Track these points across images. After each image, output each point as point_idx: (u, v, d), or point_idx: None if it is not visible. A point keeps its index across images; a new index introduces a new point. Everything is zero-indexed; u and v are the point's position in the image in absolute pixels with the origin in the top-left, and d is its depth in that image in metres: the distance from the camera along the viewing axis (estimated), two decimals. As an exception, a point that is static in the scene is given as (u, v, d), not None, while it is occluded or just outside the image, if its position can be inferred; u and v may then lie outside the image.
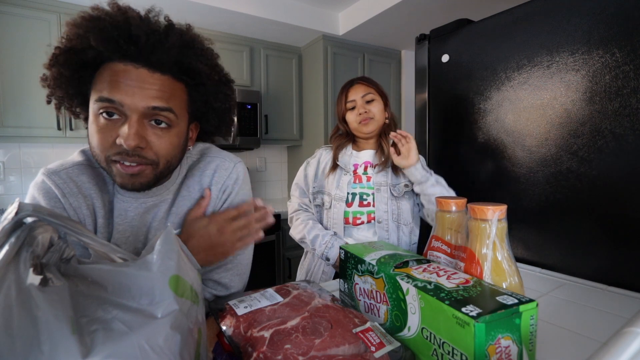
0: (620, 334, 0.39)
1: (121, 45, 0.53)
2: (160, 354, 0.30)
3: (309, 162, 1.22)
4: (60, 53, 0.55)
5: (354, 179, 1.13)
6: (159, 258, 0.35)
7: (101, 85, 0.54)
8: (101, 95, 0.54)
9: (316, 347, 0.46)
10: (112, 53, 0.54)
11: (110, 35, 0.53)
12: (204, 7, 2.02)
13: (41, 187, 0.62)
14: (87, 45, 0.53)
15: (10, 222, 0.31)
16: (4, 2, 1.76)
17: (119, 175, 0.58)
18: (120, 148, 0.55)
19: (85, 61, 0.55)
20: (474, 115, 1.19)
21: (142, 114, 0.55)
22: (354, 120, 1.11)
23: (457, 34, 1.24)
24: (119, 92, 0.54)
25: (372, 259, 0.63)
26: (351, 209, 1.11)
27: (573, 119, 0.94)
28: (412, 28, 2.41)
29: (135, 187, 0.59)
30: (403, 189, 1.10)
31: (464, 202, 0.68)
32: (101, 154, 0.56)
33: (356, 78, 1.16)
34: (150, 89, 0.55)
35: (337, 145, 1.17)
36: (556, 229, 0.98)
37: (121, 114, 0.55)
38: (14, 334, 0.25)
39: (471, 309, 0.42)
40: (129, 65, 0.55)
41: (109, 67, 0.55)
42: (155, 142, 0.58)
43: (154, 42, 0.55)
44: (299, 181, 1.21)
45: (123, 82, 0.54)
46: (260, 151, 2.86)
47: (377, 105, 1.11)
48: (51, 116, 1.86)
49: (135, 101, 0.54)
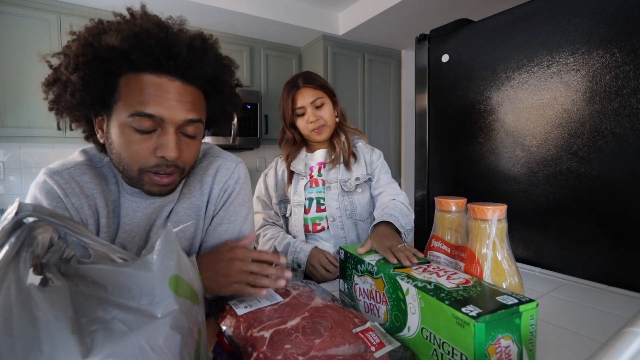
0: (620, 334, 0.39)
1: (160, 59, 0.54)
2: (160, 354, 0.30)
3: (266, 173, 1.17)
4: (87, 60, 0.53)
5: (310, 182, 1.09)
6: (159, 258, 0.35)
7: (135, 98, 0.54)
8: (139, 110, 0.54)
9: (316, 347, 0.46)
10: (148, 66, 0.54)
11: (152, 49, 0.53)
12: (204, 7, 2.02)
13: (43, 187, 0.61)
14: (120, 54, 0.52)
15: (10, 222, 0.31)
16: (4, 2, 1.76)
17: (152, 184, 0.59)
18: (160, 160, 0.56)
19: (110, 69, 0.54)
20: (474, 115, 1.19)
21: (178, 126, 0.57)
22: (305, 128, 1.06)
23: (457, 34, 1.24)
24: (159, 106, 0.54)
25: (371, 260, 0.63)
26: (309, 215, 1.07)
27: (573, 119, 0.94)
28: (412, 28, 2.41)
29: (163, 194, 0.61)
30: (354, 182, 1.06)
31: (464, 202, 0.68)
32: (135, 165, 0.57)
33: (300, 77, 1.07)
34: (186, 102, 0.57)
35: (288, 153, 1.12)
36: (556, 229, 0.98)
37: (157, 126, 0.56)
38: (14, 334, 0.25)
39: (471, 309, 0.42)
40: (164, 77, 0.55)
41: (141, 78, 0.54)
42: (186, 152, 0.60)
43: (193, 59, 0.56)
44: (260, 194, 1.15)
45: (161, 95, 0.54)
46: (260, 151, 2.86)
47: (327, 109, 1.06)
48: (51, 116, 1.85)
49: (174, 115, 0.55)
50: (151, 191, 0.60)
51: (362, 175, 1.07)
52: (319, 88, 1.06)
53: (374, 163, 1.10)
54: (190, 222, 0.71)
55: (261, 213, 1.13)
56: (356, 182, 1.06)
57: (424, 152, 1.39)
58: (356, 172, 1.07)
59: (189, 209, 0.70)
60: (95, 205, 0.64)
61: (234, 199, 0.74)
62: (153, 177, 0.58)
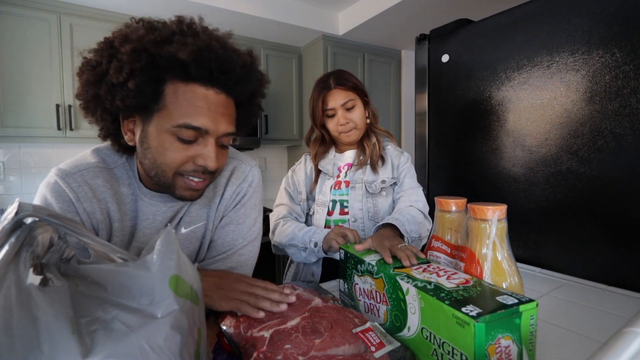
0: (620, 334, 0.39)
1: (214, 73, 0.55)
2: (160, 354, 0.30)
3: (294, 169, 1.15)
4: (143, 66, 0.52)
5: (335, 184, 1.07)
6: (159, 258, 0.35)
7: (184, 110, 0.55)
8: (187, 122, 0.55)
9: (316, 347, 0.46)
10: (200, 78, 0.55)
11: (210, 63, 0.54)
12: (204, 7, 2.02)
13: (54, 189, 0.60)
14: (179, 64, 0.53)
15: (10, 222, 0.31)
16: (4, 2, 1.76)
17: (185, 189, 0.60)
18: (199, 167, 0.58)
19: (162, 76, 0.54)
20: (473, 115, 1.19)
21: (217, 138, 0.59)
22: (335, 130, 1.05)
23: (457, 34, 1.24)
24: (206, 119, 0.56)
25: (371, 260, 0.63)
26: (332, 217, 1.05)
27: (573, 119, 0.94)
28: (412, 28, 2.41)
29: (193, 198, 0.63)
30: (380, 185, 1.04)
31: (464, 202, 0.68)
32: (170, 171, 0.58)
33: (332, 77, 1.05)
34: (227, 115, 0.59)
35: (316, 153, 1.10)
36: (556, 229, 0.98)
37: (199, 137, 0.57)
38: (14, 334, 0.25)
39: (471, 309, 0.42)
40: (211, 90, 0.56)
41: (190, 89, 0.55)
42: (221, 160, 0.61)
43: (242, 75, 0.59)
44: (288, 187, 1.12)
45: (209, 108, 0.56)
46: (260, 151, 2.86)
47: (358, 112, 1.04)
48: (51, 116, 1.86)
49: (218, 127, 0.58)
50: (183, 195, 0.61)
51: (388, 178, 1.05)
52: (350, 89, 1.03)
53: (401, 166, 1.08)
54: (202, 222, 0.71)
55: (286, 205, 1.10)
56: (382, 185, 1.04)
57: (424, 152, 1.39)
58: (382, 175, 1.05)
59: (201, 209, 0.71)
60: (107, 210, 0.63)
61: (245, 201, 0.74)
62: (188, 181, 0.59)
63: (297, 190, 1.11)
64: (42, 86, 1.83)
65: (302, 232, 0.99)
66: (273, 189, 2.95)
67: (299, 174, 1.13)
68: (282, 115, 2.63)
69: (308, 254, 0.97)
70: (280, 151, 3.00)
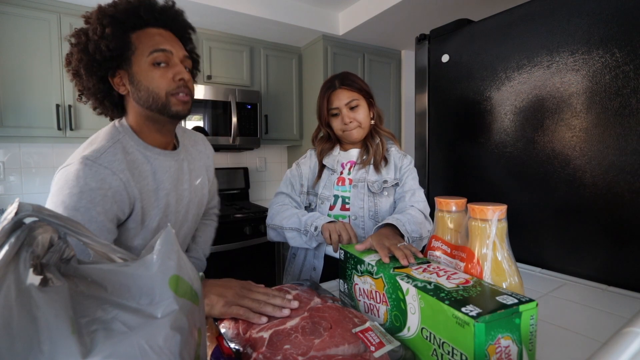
0: (620, 334, 0.39)
1: (156, 15, 0.75)
2: (160, 354, 0.30)
3: (298, 162, 1.17)
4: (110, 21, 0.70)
5: (338, 180, 1.09)
6: (159, 258, 0.35)
7: (148, 43, 0.72)
8: (155, 47, 0.72)
9: (316, 347, 0.46)
10: (149, 21, 0.74)
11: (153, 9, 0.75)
12: (204, 7, 2.02)
13: (96, 174, 0.67)
14: (131, 12, 0.72)
15: (10, 222, 0.31)
16: (4, 2, 1.76)
17: (177, 104, 0.75)
18: (180, 82, 0.74)
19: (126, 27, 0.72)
20: (473, 115, 1.19)
21: (181, 60, 0.76)
22: (339, 128, 1.07)
23: (457, 34, 1.24)
24: (165, 43, 0.73)
25: (371, 260, 0.63)
26: (333, 212, 1.07)
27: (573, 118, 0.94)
28: (412, 28, 2.40)
29: (185, 112, 0.77)
30: (382, 185, 1.06)
31: (464, 202, 0.68)
32: (162, 92, 0.73)
33: (337, 78, 1.08)
34: (178, 43, 0.78)
35: (322, 149, 1.13)
36: (556, 229, 0.98)
37: (168, 60, 0.74)
38: (13, 334, 0.25)
39: (471, 309, 0.42)
40: (161, 29, 0.76)
41: (147, 32, 0.73)
42: (187, 76, 0.77)
43: (175, 14, 0.79)
44: (292, 178, 1.14)
45: (164, 37, 0.74)
46: (260, 151, 2.86)
47: (362, 111, 1.06)
48: (51, 116, 1.86)
49: (177, 50, 0.76)
50: (177, 110, 0.75)
51: (390, 179, 1.07)
52: (355, 90, 1.06)
53: (404, 168, 1.10)
54: (204, 174, 0.93)
55: (288, 195, 1.12)
56: (384, 185, 1.06)
57: (424, 152, 1.39)
58: (385, 176, 1.07)
59: (202, 167, 0.93)
60: (140, 178, 0.74)
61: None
62: (178, 97, 0.74)
63: (299, 183, 1.14)
64: (42, 86, 1.83)
65: (305, 217, 1.00)
66: (273, 189, 2.95)
67: (303, 167, 1.15)
68: (282, 115, 2.63)
69: (308, 238, 0.97)
70: (280, 151, 3.00)
